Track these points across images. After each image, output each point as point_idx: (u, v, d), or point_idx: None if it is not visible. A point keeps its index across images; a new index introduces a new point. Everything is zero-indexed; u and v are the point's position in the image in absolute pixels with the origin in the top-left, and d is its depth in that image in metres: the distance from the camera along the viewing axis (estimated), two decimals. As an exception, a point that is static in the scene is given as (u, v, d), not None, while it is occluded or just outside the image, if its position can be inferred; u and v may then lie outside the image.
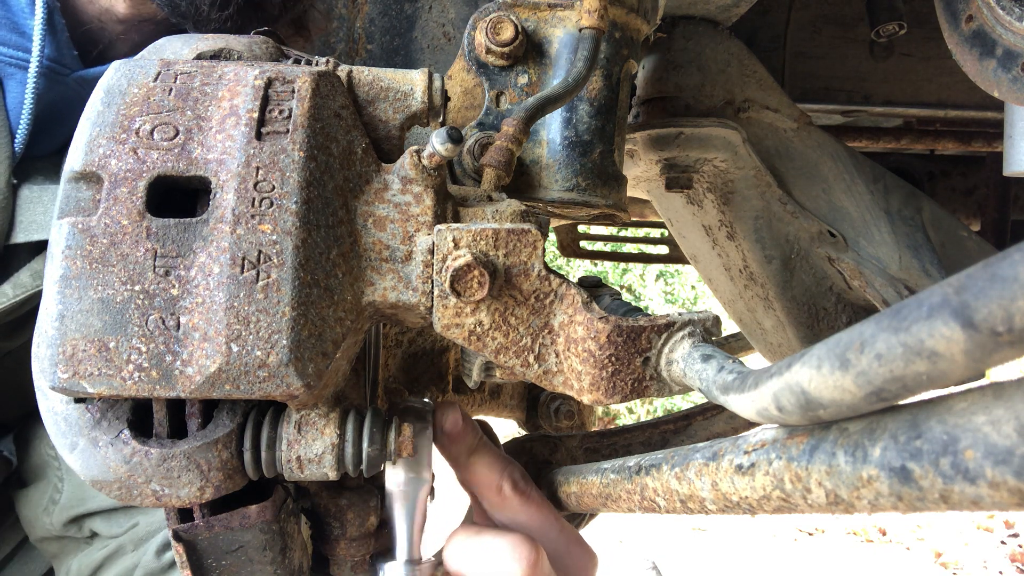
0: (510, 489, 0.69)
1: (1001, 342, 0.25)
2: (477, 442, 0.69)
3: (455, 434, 0.68)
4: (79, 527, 1.18)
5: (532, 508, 0.69)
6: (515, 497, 0.69)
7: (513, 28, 0.78)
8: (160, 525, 1.16)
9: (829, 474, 0.36)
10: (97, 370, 0.48)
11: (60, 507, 1.16)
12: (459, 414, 0.69)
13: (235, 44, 0.63)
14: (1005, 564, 4.06)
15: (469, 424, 0.69)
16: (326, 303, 0.52)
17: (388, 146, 0.62)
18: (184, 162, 0.52)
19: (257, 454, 0.54)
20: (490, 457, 0.70)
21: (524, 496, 0.69)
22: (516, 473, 0.70)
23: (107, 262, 0.49)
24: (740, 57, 1.17)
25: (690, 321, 0.56)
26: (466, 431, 0.69)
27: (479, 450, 0.69)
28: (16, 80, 0.96)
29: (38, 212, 0.97)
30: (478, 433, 0.70)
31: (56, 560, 1.24)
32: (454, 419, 0.68)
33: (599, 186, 0.82)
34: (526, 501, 0.69)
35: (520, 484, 0.69)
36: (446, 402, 0.70)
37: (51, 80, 0.97)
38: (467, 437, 0.69)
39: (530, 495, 0.69)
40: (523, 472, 0.71)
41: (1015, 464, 0.27)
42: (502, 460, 0.70)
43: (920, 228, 1.12)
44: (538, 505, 0.70)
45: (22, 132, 0.95)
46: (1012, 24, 0.77)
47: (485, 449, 0.70)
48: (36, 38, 0.94)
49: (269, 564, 0.60)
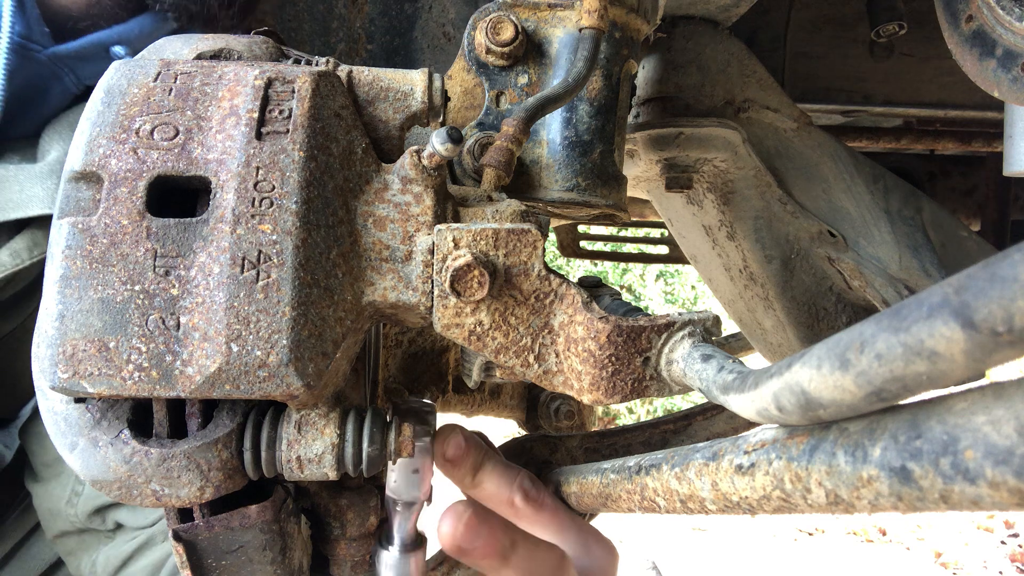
0: (522, 501, 0.68)
1: (1001, 342, 0.25)
2: (482, 458, 0.68)
3: (457, 459, 0.67)
4: (103, 519, 1.18)
5: (547, 515, 0.68)
6: (528, 508, 0.68)
7: (513, 28, 0.78)
8: None
9: (829, 474, 0.36)
10: (97, 370, 0.48)
11: (84, 498, 1.16)
12: (460, 438, 0.67)
13: (235, 44, 0.63)
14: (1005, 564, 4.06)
15: (471, 444, 0.68)
16: (326, 303, 0.52)
17: (388, 146, 0.62)
18: (184, 162, 0.52)
19: (257, 454, 0.54)
20: (498, 471, 0.69)
21: (537, 505, 0.68)
22: (526, 482, 0.69)
23: (107, 262, 0.49)
24: (740, 57, 1.17)
25: (690, 321, 0.56)
26: (469, 453, 0.68)
27: (484, 467, 0.68)
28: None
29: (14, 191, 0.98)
30: (482, 450, 0.69)
31: (73, 556, 1.24)
32: (455, 443, 0.67)
33: (599, 186, 0.82)
34: (540, 509, 0.68)
35: (532, 493, 0.68)
36: (446, 427, 0.68)
37: (22, 57, 0.98)
38: (471, 458, 0.68)
39: (543, 502, 0.69)
40: (532, 478, 0.70)
41: (1015, 464, 0.27)
42: (510, 471, 0.69)
43: (920, 228, 1.12)
44: (552, 511, 0.69)
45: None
46: (1012, 24, 0.77)
47: (490, 464, 0.69)
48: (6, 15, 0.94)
49: (269, 564, 0.60)
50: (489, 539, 0.61)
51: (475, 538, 0.61)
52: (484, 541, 0.61)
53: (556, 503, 0.70)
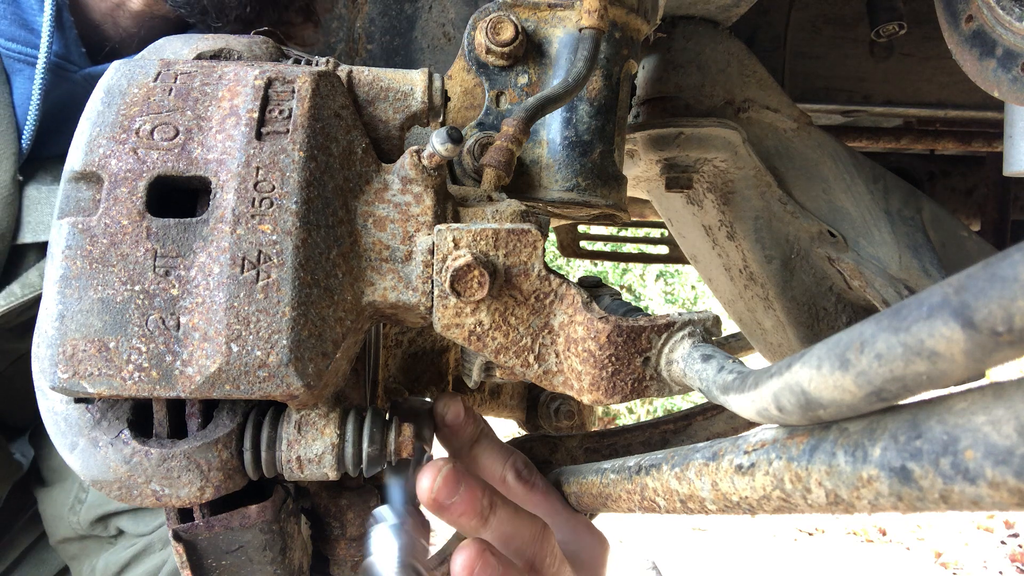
0: (514, 479, 0.68)
1: (1001, 342, 0.25)
2: (479, 433, 0.69)
3: (457, 426, 0.67)
4: (105, 526, 1.19)
5: (538, 496, 0.69)
6: (519, 486, 0.68)
7: (513, 28, 0.78)
8: None
9: (829, 474, 0.36)
10: (97, 370, 0.48)
11: (87, 506, 1.16)
12: (460, 406, 0.68)
13: (235, 44, 0.63)
14: (1005, 564, 4.06)
15: (471, 415, 0.69)
16: (326, 303, 0.52)
17: (388, 146, 0.62)
18: (184, 162, 0.52)
19: (257, 454, 0.54)
20: (493, 448, 0.69)
21: (528, 485, 0.69)
22: (519, 463, 0.69)
23: (107, 262, 0.49)
24: (740, 57, 1.17)
25: (690, 321, 0.56)
26: (467, 423, 0.68)
27: (481, 441, 0.69)
28: (24, 76, 0.97)
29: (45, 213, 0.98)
30: (480, 424, 0.69)
31: (75, 561, 1.24)
32: (455, 410, 0.67)
33: (599, 186, 0.82)
34: (531, 490, 0.69)
35: (524, 473, 0.69)
36: (447, 393, 0.69)
37: (58, 76, 0.98)
38: (468, 428, 0.68)
39: (535, 484, 0.69)
40: (526, 461, 0.70)
41: (1015, 464, 0.27)
42: (505, 450, 0.70)
43: (920, 228, 1.12)
44: (544, 493, 0.69)
45: (29, 128, 0.96)
46: (1012, 24, 0.77)
47: (487, 440, 0.69)
48: (44, 34, 0.94)
49: (269, 564, 0.60)
50: (468, 496, 0.60)
51: (453, 493, 0.59)
52: (462, 499, 0.60)
53: (548, 487, 0.70)
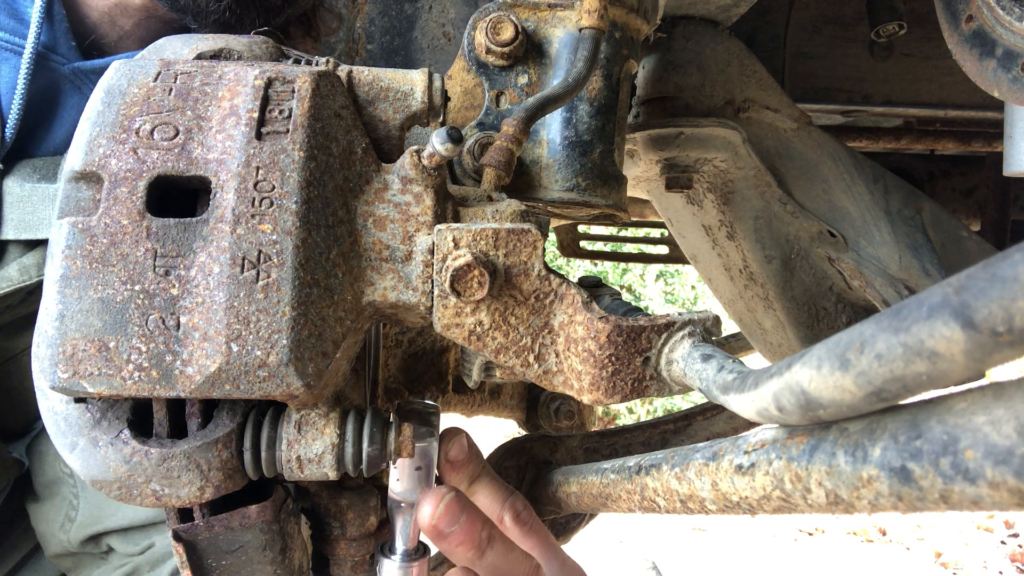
0: (511, 520, 0.68)
1: (1001, 342, 0.25)
2: (480, 470, 0.68)
3: (459, 463, 0.67)
4: (96, 544, 1.18)
5: (534, 539, 0.68)
6: (516, 528, 0.68)
7: (513, 28, 0.78)
8: None
9: (829, 474, 0.36)
10: (97, 370, 0.48)
11: (77, 525, 1.16)
12: (464, 442, 0.68)
13: (235, 44, 0.63)
14: (1005, 564, 4.05)
15: (473, 452, 0.68)
16: (326, 303, 0.52)
17: (388, 146, 0.62)
18: (184, 162, 0.52)
19: (257, 454, 0.54)
20: (492, 487, 0.69)
21: (526, 527, 0.68)
22: (518, 504, 0.69)
23: (107, 262, 0.49)
24: (740, 57, 1.17)
25: (690, 321, 0.56)
26: (469, 460, 0.68)
27: (481, 478, 0.68)
28: (10, 65, 0.96)
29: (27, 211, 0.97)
30: (481, 461, 0.69)
31: (72, 573, 1.24)
32: (459, 447, 0.67)
33: (599, 186, 0.82)
34: (528, 533, 0.68)
35: (522, 515, 0.68)
36: (452, 429, 0.69)
37: (42, 66, 0.97)
38: (470, 465, 0.68)
39: (532, 526, 0.68)
40: (525, 503, 0.70)
41: (1015, 464, 0.27)
42: (505, 490, 0.69)
43: (920, 228, 1.12)
44: (540, 537, 0.69)
45: (13, 117, 0.95)
46: (1012, 24, 0.77)
47: (488, 478, 0.69)
48: (33, 24, 0.94)
49: (269, 564, 0.60)
50: (468, 527, 0.61)
51: (453, 522, 0.60)
52: (462, 529, 0.60)
53: (544, 531, 0.70)
